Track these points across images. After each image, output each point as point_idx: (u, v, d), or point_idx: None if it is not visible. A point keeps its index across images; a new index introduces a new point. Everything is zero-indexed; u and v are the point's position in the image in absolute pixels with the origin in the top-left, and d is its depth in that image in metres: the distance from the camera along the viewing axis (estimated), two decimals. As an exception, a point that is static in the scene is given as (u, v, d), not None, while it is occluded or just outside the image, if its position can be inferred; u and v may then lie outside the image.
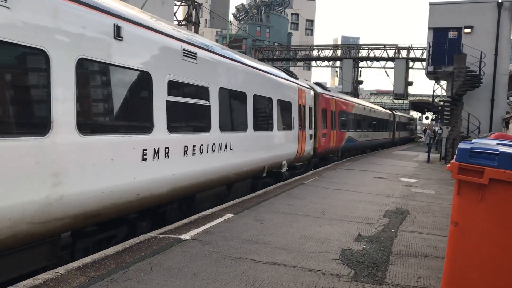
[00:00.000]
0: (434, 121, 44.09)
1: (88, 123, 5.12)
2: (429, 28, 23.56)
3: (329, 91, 19.50)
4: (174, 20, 25.30)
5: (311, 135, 15.38)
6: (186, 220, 6.89)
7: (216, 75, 8.22)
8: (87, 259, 4.83)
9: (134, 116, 5.95)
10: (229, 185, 9.49)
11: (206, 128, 7.80)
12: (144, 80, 6.12)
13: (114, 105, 5.58)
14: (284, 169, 12.54)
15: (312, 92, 15.92)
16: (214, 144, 8.00)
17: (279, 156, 11.91)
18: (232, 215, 7.32)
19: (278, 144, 11.79)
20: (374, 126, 28.89)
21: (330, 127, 18.19)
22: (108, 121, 5.51)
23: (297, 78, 14.64)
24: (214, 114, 8.07)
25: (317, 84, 18.56)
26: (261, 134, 10.49)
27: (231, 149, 8.69)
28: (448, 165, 3.65)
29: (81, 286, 4.08)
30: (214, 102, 8.06)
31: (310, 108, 15.38)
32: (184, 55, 7.06)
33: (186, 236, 5.91)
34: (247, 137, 9.59)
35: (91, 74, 5.25)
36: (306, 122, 14.70)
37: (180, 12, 57.50)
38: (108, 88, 5.46)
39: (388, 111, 36.27)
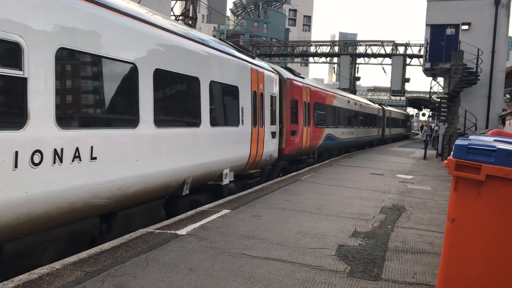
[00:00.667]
0: (431, 118, 44.23)
1: None
2: (426, 25, 23.60)
3: (303, 78, 15.77)
4: (172, 15, 25.18)
5: (273, 133, 12.06)
6: (182, 216, 6.88)
7: (51, 25, 4.75)
8: (83, 254, 4.82)
9: None
10: (107, 216, 6.07)
11: (13, 122, 4.37)
12: None
13: None
14: (226, 180, 9.18)
15: (276, 77, 12.46)
16: (39, 151, 4.58)
17: (215, 163, 8.58)
18: (229, 210, 7.32)
19: (212, 147, 8.43)
20: (360, 122, 26.01)
21: (302, 122, 14.74)
22: None
23: (253, 57, 11.32)
24: (40, 97, 4.60)
25: (287, 68, 14.74)
26: (174, 132, 7.19)
27: (93, 158, 5.32)
28: (445, 161, 3.64)
29: (77, 281, 4.07)
30: (40, 74, 4.60)
31: (273, 98, 12.05)
32: None
33: (182, 231, 5.90)
34: (138, 137, 6.22)
35: None
36: (265, 116, 11.38)
37: (178, 7, 57.18)
38: None
39: (377, 105, 33.99)
